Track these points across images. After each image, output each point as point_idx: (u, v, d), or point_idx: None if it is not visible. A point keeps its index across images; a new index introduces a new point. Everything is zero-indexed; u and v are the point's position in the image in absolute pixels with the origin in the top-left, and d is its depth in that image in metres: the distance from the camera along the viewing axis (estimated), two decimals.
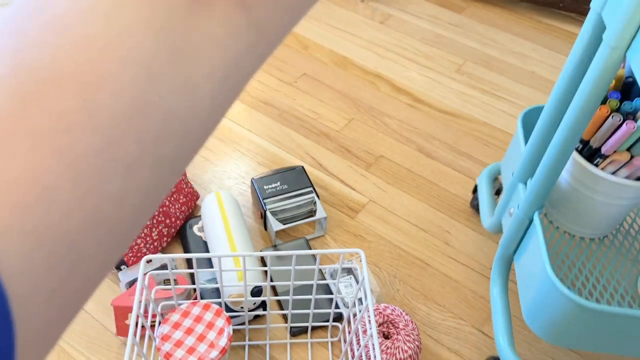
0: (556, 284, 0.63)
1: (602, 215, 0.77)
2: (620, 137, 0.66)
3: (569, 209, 0.79)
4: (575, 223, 0.80)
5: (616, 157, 0.69)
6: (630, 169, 0.69)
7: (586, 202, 0.75)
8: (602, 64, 0.54)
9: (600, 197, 0.73)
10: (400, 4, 1.56)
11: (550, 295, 0.65)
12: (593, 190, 0.73)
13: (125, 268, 0.89)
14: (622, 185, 0.70)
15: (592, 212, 0.76)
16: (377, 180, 1.10)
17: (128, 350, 0.61)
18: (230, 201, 0.93)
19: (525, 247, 0.75)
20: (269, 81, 1.30)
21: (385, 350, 0.78)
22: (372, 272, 0.95)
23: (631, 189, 0.71)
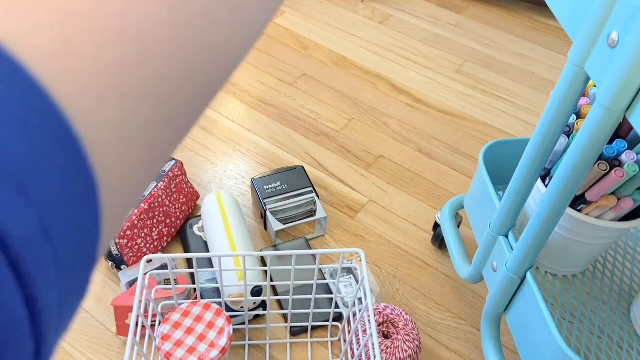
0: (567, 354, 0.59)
1: (586, 255, 0.75)
2: (609, 184, 0.64)
3: (553, 254, 0.76)
4: (559, 264, 0.77)
5: (603, 203, 0.67)
6: (617, 211, 0.67)
7: (571, 246, 0.73)
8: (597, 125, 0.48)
9: (586, 240, 0.71)
10: (400, 4, 1.56)
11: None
12: (579, 234, 0.71)
13: (125, 268, 0.89)
14: (609, 228, 0.68)
15: (577, 253, 0.74)
16: (377, 180, 1.10)
17: (128, 350, 0.61)
18: (231, 201, 0.93)
19: (520, 306, 0.70)
20: (269, 81, 1.30)
21: (385, 350, 0.78)
22: (372, 272, 0.95)
23: (618, 230, 0.69)
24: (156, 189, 0.92)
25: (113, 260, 0.88)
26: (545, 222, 0.60)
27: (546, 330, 0.62)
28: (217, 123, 1.20)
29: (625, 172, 0.63)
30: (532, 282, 0.66)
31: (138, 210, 0.88)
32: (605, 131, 0.49)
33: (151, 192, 0.92)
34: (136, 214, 0.88)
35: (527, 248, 0.63)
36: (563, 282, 0.78)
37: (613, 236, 0.71)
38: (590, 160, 0.53)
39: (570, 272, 0.79)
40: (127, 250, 0.87)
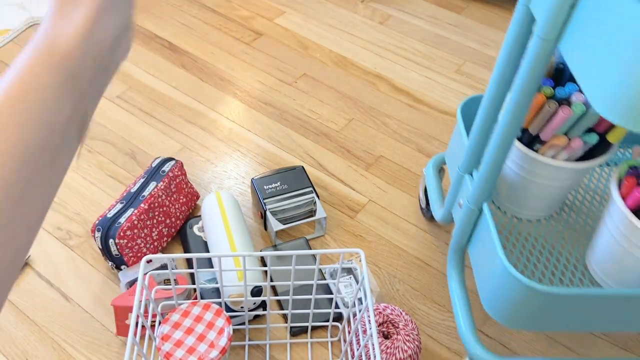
0: (510, 271, 0.65)
1: (547, 197, 0.80)
2: (557, 123, 0.70)
3: (514, 195, 0.81)
4: (522, 207, 0.82)
5: (555, 142, 0.72)
6: (569, 151, 0.72)
7: (530, 187, 0.78)
8: (535, 56, 0.55)
9: (543, 180, 0.76)
10: (400, 4, 1.56)
11: (505, 282, 0.66)
12: (536, 174, 0.76)
13: (125, 268, 0.89)
14: (562, 168, 0.73)
15: (537, 195, 0.79)
16: (377, 180, 1.10)
17: (128, 350, 0.61)
18: (231, 201, 0.93)
19: (478, 237, 0.76)
20: (269, 81, 1.30)
21: (385, 350, 0.78)
22: (372, 272, 0.95)
23: (571, 170, 0.74)
24: (156, 189, 0.92)
25: (113, 260, 0.88)
26: (497, 152, 0.66)
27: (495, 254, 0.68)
28: (217, 123, 1.19)
29: (572, 110, 0.68)
30: (487, 212, 0.72)
31: (138, 211, 0.88)
32: (543, 60, 0.55)
33: (151, 192, 0.92)
34: (136, 214, 0.88)
35: (483, 180, 0.70)
36: (528, 225, 0.83)
37: (570, 177, 0.76)
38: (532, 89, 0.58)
39: (536, 216, 0.84)
40: (127, 250, 0.87)
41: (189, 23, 1.46)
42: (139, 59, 1.34)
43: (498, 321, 0.71)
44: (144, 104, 1.23)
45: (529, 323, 0.69)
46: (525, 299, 0.65)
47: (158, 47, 1.38)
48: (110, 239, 0.86)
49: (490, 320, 0.90)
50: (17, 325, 0.86)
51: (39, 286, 0.91)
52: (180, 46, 1.38)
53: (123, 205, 0.90)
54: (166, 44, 1.39)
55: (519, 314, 0.68)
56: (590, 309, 0.66)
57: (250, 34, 1.43)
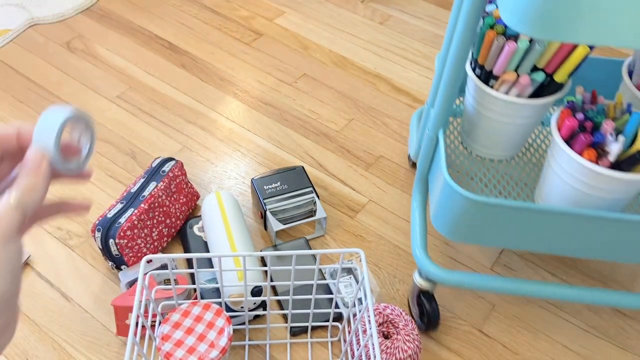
0: (450, 184, 0.71)
1: (507, 136, 0.85)
2: (505, 57, 0.76)
3: (477, 133, 0.88)
4: (486, 146, 0.88)
5: (505, 77, 0.77)
6: (519, 88, 0.78)
7: (489, 124, 0.84)
8: None
9: (498, 117, 0.82)
10: (400, 4, 1.56)
11: (447, 195, 0.73)
12: (491, 110, 0.82)
13: (125, 268, 0.89)
14: (511, 102, 0.79)
15: (497, 133, 0.85)
16: (377, 180, 1.10)
17: (128, 350, 0.61)
18: (231, 201, 0.93)
19: (435, 164, 0.82)
20: (269, 81, 1.30)
21: (385, 350, 0.78)
22: (372, 272, 0.95)
23: (520, 106, 0.79)
24: (156, 189, 0.92)
25: (113, 260, 0.88)
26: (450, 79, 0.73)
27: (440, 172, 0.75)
28: (217, 123, 1.20)
29: (517, 45, 0.74)
30: (441, 138, 0.80)
31: (138, 211, 0.88)
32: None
33: (151, 192, 0.92)
34: (136, 214, 0.88)
35: (439, 107, 0.78)
36: (489, 164, 0.90)
37: (523, 115, 0.81)
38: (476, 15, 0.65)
39: (498, 157, 0.90)
40: (127, 250, 0.87)
41: (189, 23, 1.46)
42: (139, 59, 1.34)
43: (443, 234, 0.77)
44: (144, 104, 1.23)
45: (468, 235, 0.75)
46: (463, 210, 0.71)
47: (158, 47, 1.38)
48: (110, 239, 0.86)
49: (490, 321, 0.90)
50: (17, 325, 0.86)
51: (39, 286, 0.91)
52: (180, 46, 1.38)
53: (123, 205, 0.90)
54: (166, 44, 1.39)
55: (459, 226, 0.74)
56: (522, 224, 0.71)
57: (250, 34, 1.43)
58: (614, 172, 0.67)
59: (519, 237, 0.73)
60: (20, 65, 1.30)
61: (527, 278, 0.95)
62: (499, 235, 0.74)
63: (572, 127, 0.70)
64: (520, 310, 0.91)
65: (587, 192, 0.71)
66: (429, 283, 0.83)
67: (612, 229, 0.69)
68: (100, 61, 1.33)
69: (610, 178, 0.67)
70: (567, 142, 0.71)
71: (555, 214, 0.69)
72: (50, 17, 1.44)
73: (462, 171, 0.88)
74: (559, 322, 0.90)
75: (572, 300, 0.80)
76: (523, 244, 0.75)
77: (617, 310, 0.92)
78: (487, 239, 0.75)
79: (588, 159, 0.68)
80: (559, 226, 0.70)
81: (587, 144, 0.69)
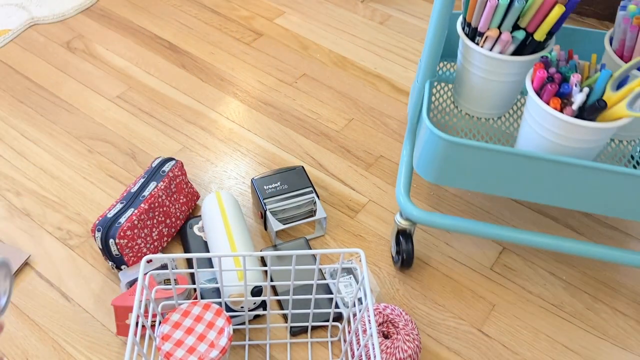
0: (429, 127, 0.77)
1: (492, 93, 0.90)
2: (488, 13, 0.81)
3: (465, 91, 0.93)
4: (474, 104, 0.94)
5: (489, 34, 0.83)
6: (501, 44, 0.83)
7: (474, 80, 0.90)
8: None
9: (484, 74, 0.87)
10: (400, 4, 1.56)
11: (427, 139, 0.79)
12: (476, 66, 0.88)
13: (125, 268, 0.89)
14: (494, 59, 0.84)
15: (483, 90, 0.90)
16: (377, 180, 1.10)
17: (128, 350, 0.61)
18: (231, 201, 0.93)
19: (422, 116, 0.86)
20: (269, 81, 1.30)
21: (385, 350, 0.78)
22: (372, 272, 0.95)
23: (504, 63, 0.85)
24: (156, 189, 0.92)
25: (113, 260, 0.88)
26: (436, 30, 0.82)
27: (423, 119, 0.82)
28: (217, 123, 1.20)
29: (498, 1, 0.80)
30: (427, 87, 0.88)
31: (138, 211, 0.88)
32: None
33: (151, 192, 0.92)
34: (136, 214, 0.88)
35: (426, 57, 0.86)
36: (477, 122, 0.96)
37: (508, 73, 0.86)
38: None
39: (486, 115, 0.95)
40: (127, 250, 0.87)
41: (189, 23, 1.46)
42: (139, 59, 1.34)
43: (423, 177, 0.83)
44: (144, 104, 1.23)
45: (445, 177, 0.81)
46: (440, 151, 0.78)
47: (158, 47, 1.38)
48: (110, 239, 0.86)
49: (490, 321, 0.90)
50: (17, 325, 0.86)
51: (39, 286, 0.91)
52: (180, 46, 1.38)
53: (123, 205, 0.90)
54: (166, 44, 1.39)
55: (437, 168, 0.80)
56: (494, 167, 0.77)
57: (250, 34, 1.43)
58: (576, 120, 0.72)
59: (491, 181, 0.79)
60: (20, 65, 1.30)
61: (527, 278, 0.95)
62: (473, 178, 0.80)
63: (542, 78, 0.76)
64: (520, 310, 0.91)
65: (555, 142, 0.77)
66: (408, 223, 0.89)
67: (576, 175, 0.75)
68: (100, 61, 1.33)
69: (573, 126, 0.73)
70: (538, 93, 0.77)
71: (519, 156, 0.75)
72: (50, 17, 1.45)
73: (451, 128, 0.94)
74: (559, 322, 0.90)
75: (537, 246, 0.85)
76: (495, 189, 0.80)
77: (617, 310, 0.92)
78: (463, 181, 0.81)
79: (553, 107, 0.74)
80: (527, 171, 0.76)
81: (553, 93, 0.75)
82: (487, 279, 0.95)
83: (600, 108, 0.72)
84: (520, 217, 1.04)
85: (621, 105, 0.71)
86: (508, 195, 0.80)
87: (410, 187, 0.91)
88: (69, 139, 1.14)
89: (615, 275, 0.97)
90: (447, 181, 0.81)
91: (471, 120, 0.95)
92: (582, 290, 0.95)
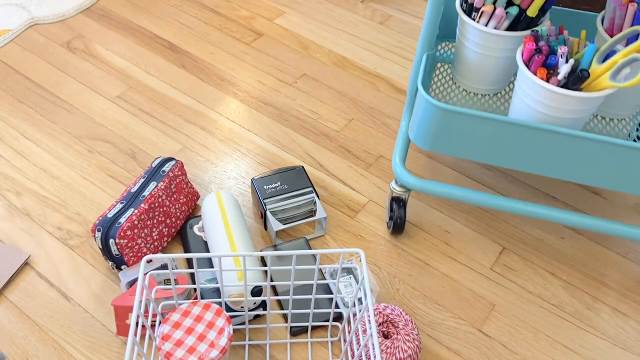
0: (423, 95, 0.80)
1: (488, 69, 0.93)
2: None
3: (462, 67, 0.96)
4: (470, 79, 0.97)
5: (484, 9, 0.86)
6: (496, 19, 0.86)
7: (471, 55, 0.93)
8: None
9: (479, 49, 0.91)
10: (400, 4, 1.56)
11: (422, 108, 0.82)
12: (472, 41, 0.90)
13: (125, 268, 0.89)
14: (488, 34, 0.87)
15: (479, 65, 0.93)
16: (377, 180, 1.10)
17: (128, 350, 0.61)
18: (231, 201, 0.93)
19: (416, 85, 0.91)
20: (269, 81, 1.30)
21: (385, 350, 0.78)
22: (372, 271, 0.95)
23: (498, 38, 0.88)
24: (156, 189, 0.92)
25: (113, 260, 0.88)
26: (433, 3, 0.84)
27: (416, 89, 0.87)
28: (217, 123, 1.20)
29: None
30: (424, 59, 0.90)
31: (138, 211, 0.88)
32: None
33: (151, 192, 0.92)
34: (136, 214, 0.88)
35: (424, 30, 0.88)
36: (474, 97, 0.99)
37: (502, 48, 0.89)
38: None
39: (483, 91, 0.98)
40: (127, 250, 0.87)
41: (189, 23, 1.46)
42: (139, 59, 1.34)
43: (419, 146, 0.86)
44: (144, 104, 1.23)
45: (440, 146, 0.84)
46: (432, 118, 0.81)
47: (158, 47, 1.38)
48: (110, 239, 0.86)
49: (490, 320, 0.90)
50: (17, 325, 0.86)
51: (39, 286, 0.91)
52: (180, 46, 1.38)
53: (123, 205, 0.90)
54: (166, 44, 1.39)
55: (433, 136, 0.83)
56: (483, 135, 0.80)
57: (250, 34, 1.43)
58: (561, 89, 0.75)
59: (480, 149, 0.82)
60: (20, 65, 1.30)
61: (527, 278, 0.95)
62: (464, 146, 0.83)
63: (530, 50, 0.79)
64: (520, 310, 0.91)
65: (542, 112, 0.79)
66: (402, 190, 0.94)
67: (561, 144, 0.78)
68: (100, 61, 1.33)
69: (558, 95, 0.76)
70: (527, 64, 0.80)
71: (506, 123, 0.78)
72: (50, 17, 1.45)
73: (449, 103, 0.97)
74: (559, 322, 0.90)
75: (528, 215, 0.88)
76: (485, 157, 0.83)
77: (617, 310, 0.92)
78: (455, 149, 0.84)
79: (540, 77, 0.77)
80: (515, 139, 0.79)
81: (540, 63, 0.78)
82: (487, 279, 0.95)
83: (583, 78, 0.75)
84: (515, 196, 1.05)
85: (605, 76, 0.75)
86: (498, 163, 0.84)
87: (406, 157, 0.94)
88: (69, 139, 1.14)
89: (616, 275, 0.97)
90: (440, 148, 0.84)
91: (469, 97, 0.98)
92: (582, 290, 0.95)
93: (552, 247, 1.01)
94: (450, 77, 1.02)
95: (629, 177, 0.79)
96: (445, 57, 1.06)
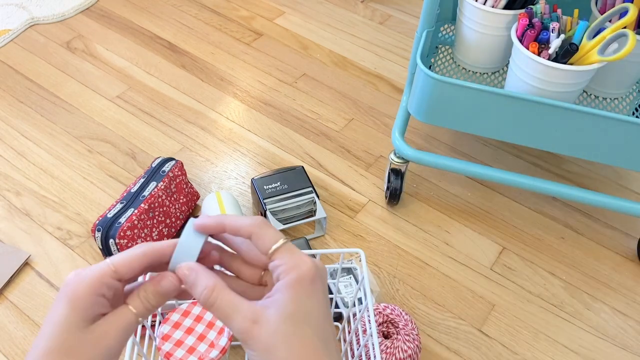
0: (421, 67, 0.83)
1: (486, 47, 0.97)
2: None
3: (462, 46, 1.00)
4: (470, 58, 1.00)
5: None
6: None
7: (470, 34, 0.96)
8: None
9: (478, 27, 0.93)
10: (400, 4, 1.56)
11: (420, 80, 0.85)
12: (471, 20, 0.93)
13: None
14: (485, 11, 0.90)
15: (477, 44, 0.96)
16: (377, 180, 1.10)
17: (128, 350, 0.61)
18: (231, 201, 0.93)
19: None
20: (269, 81, 1.30)
21: (385, 350, 0.78)
22: (371, 272, 0.95)
23: (495, 16, 0.90)
24: (156, 189, 0.92)
25: None
26: None
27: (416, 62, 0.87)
28: (217, 123, 1.20)
29: None
30: (423, 36, 0.92)
31: (138, 211, 0.88)
32: None
33: (151, 192, 0.92)
34: (136, 214, 0.88)
35: (425, 8, 0.91)
36: (472, 75, 1.02)
37: (499, 27, 0.92)
38: None
39: (481, 69, 1.02)
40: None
41: (189, 23, 1.46)
42: (139, 59, 1.34)
43: (416, 117, 0.89)
44: (144, 104, 1.23)
45: (437, 117, 0.87)
46: (429, 90, 0.84)
47: (158, 47, 1.38)
48: (110, 239, 0.86)
49: (490, 321, 0.90)
50: (17, 325, 0.86)
51: (39, 286, 0.91)
52: (180, 46, 1.38)
53: (123, 205, 0.90)
54: (166, 44, 1.39)
55: (430, 107, 0.86)
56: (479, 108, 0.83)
57: (250, 34, 1.43)
58: (551, 62, 0.79)
59: (474, 120, 0.85)
60: (20, 65, 1.30)
61: (527, 278, 0.96)
62: (460, 117, 0.86)
63: (524, 25, 0.83)
64: (520, 310, 0.91)
65: (534, 85, 0.82)
66: (400, 161, 0.98)
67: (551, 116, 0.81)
68: (100, 61, 1.33)
69: (549, 68, 0.79)
70: (521, 40, 0.83)
71: (498, 95, 0.81)
72: (50, 17, 1.45)
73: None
74: (559, 322, 0.90)
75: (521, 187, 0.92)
76: (478, 128, 0.87)
77: (617, 310, 0.92)
78: (451, 121, 0.87)
79: (532, 51, 0.81)
80: (507, 111, 0.83)
81: (532, 38, 0.82)
82: (487, 279, 0.95)
83: (572, 51, 0.79)
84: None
85: (593, 51, 0.78)
86: (491, 136, 0.87)
87: (405, 131, 0.99)
88: (69, 139, 1.14)
89: (615, 275, 0.97)
90: (436, 120, 0.87)
91: (468, 76, 1.02)
92: (582, 290, 0.95)
93: (552, 247, 1.01)
94: (452, 57, 1.06)
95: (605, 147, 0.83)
96: (447, 40, 1.09)
